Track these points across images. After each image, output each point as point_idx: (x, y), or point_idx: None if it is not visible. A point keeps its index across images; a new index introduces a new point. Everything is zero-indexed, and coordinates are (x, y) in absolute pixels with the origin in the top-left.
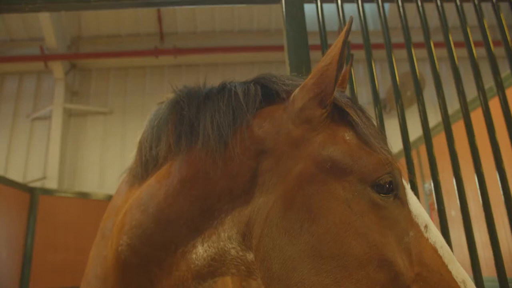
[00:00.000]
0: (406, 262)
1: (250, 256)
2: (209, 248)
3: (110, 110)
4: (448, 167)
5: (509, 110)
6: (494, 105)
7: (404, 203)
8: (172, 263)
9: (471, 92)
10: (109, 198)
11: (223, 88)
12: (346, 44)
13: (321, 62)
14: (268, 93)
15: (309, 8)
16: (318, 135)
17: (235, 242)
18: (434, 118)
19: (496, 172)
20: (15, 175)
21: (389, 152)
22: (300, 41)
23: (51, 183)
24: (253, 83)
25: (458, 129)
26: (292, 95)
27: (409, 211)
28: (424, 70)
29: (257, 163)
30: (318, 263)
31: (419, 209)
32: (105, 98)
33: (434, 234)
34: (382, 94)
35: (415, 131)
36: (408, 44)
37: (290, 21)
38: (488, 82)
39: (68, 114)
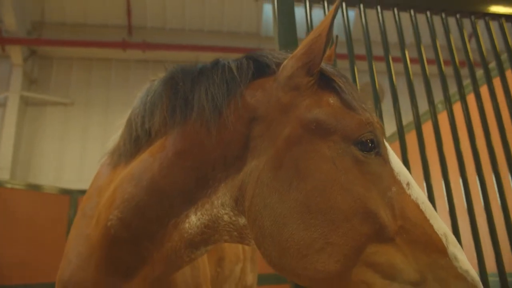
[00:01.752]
0: (390, 216)
1: (242, 220)
2: (203, 216)
3: (72, 101)
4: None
5: (455, 124)
6: (458, 111)
7: (386, 160)
8: (164, 235)
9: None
10: (65, 192)
11: (216, 63)
12: (334, 19)
13: (311, 35)
14: (260, 67)
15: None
16: (305, 100)
17: (228, 207)
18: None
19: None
20: None
21: (371, 113)
22: (290, 39)
23: (3, 174)
24: (245, 58)
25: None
26: (282, 65)
27: (391, 169)
28: (383, 82)
29: (250, 130)
30: (307, 218)
31: (401, 168)
32: (66, 88)
33: (416, 191)
34: None
35: None
36: (386, 55)
37: (282, 18)
38: (451, 89)
39: (25, 103)
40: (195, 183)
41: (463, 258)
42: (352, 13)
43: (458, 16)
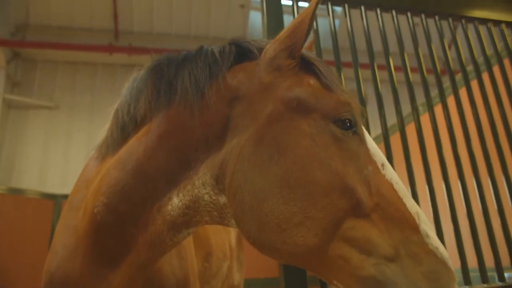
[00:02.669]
0: (366, 192)
1: (223, 199)
2: (184, 197)
3: (56, 105)
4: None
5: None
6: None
7: (362, 140)
8: (148, 219)
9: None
10: (49, 197)
11: (200, 49)
12: (317, 5)
13: (294, 20)
14: (242, 52)
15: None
16: (286, 80)
17: (209, 187)
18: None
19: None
20: None
21: (349, 95)
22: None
23: None
24: (228, 44)
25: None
26: (265, 48)
27: (367, 148)
28: (367, 89)
29: (231, 109)
30: (286, 193)
31: (376, 149)
32: (50, 92)
33: (390, 172)
34: None
35: None
36: (372, 63)
37: (270, 18)
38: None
39: (8, 106)
40: (177, 165)
41: (434, 235)
42: (336, 21)
43: (437, 18)
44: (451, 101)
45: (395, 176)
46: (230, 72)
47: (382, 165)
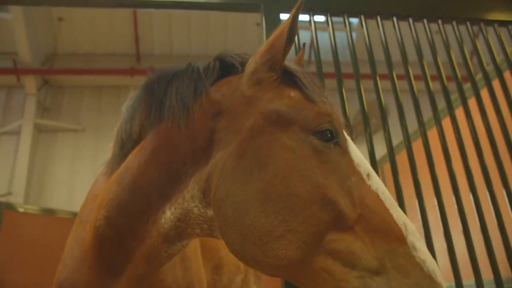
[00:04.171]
0: (349, 204)
1: (211, 212)
2: (176, 210)
3: (82, 128)
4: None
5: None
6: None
7: (345, 151)
8: (144, 232)
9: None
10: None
11: (188, 66)
12: (296, 18)
13: (274, 34)
14: (226, 67)
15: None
16: (267, 94)
17: (197, 200)
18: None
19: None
20: None
21: (330, 106)
22: None
23: (17, 199)
24: (214, 59)
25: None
26: (247, 62)
27: (350, 159)
28: (387, 100)
29: (215, 123)
30: (267, 206)
31: (361, 159)
32: (77, 115)
33: (376, 182)
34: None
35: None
36: (373, 74)
37: (269, 28)
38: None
39: (38, 130)
40: (168, 179)
41: (422, 247)
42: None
43: (440, 22)
44: (459, 111)
45: (381, 186)
46: (214, 87)
47: (367, 175)
